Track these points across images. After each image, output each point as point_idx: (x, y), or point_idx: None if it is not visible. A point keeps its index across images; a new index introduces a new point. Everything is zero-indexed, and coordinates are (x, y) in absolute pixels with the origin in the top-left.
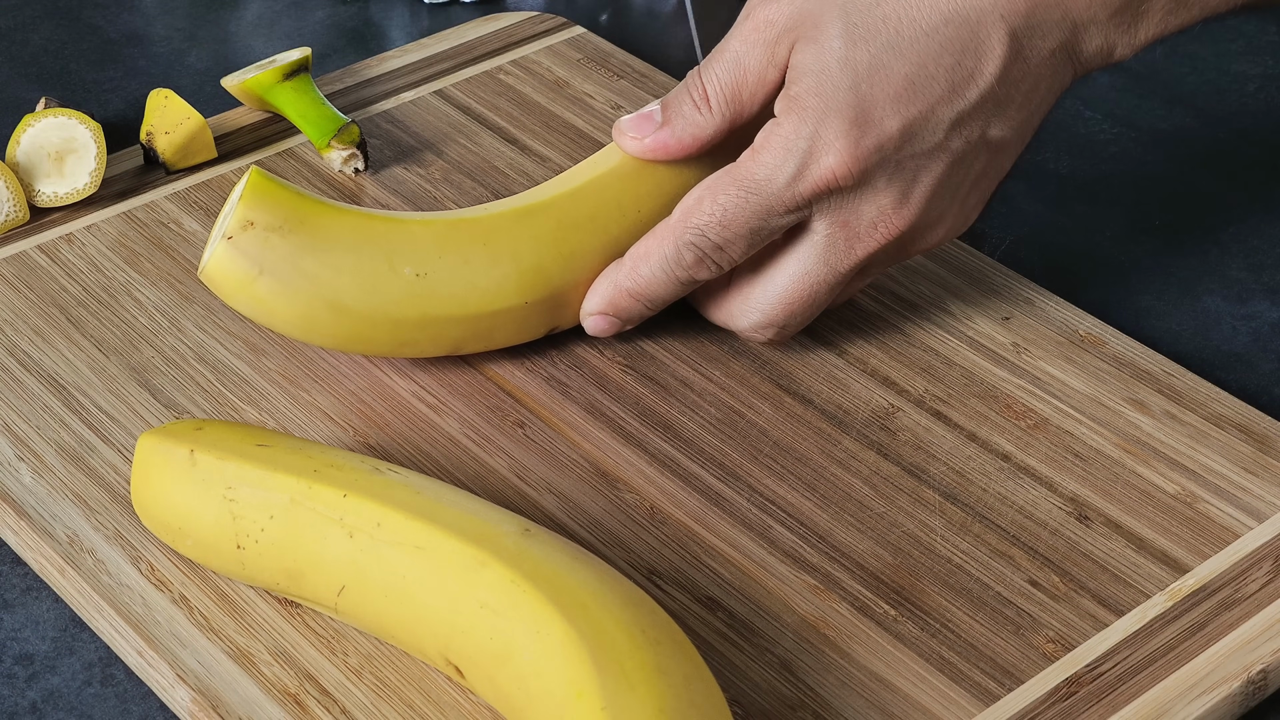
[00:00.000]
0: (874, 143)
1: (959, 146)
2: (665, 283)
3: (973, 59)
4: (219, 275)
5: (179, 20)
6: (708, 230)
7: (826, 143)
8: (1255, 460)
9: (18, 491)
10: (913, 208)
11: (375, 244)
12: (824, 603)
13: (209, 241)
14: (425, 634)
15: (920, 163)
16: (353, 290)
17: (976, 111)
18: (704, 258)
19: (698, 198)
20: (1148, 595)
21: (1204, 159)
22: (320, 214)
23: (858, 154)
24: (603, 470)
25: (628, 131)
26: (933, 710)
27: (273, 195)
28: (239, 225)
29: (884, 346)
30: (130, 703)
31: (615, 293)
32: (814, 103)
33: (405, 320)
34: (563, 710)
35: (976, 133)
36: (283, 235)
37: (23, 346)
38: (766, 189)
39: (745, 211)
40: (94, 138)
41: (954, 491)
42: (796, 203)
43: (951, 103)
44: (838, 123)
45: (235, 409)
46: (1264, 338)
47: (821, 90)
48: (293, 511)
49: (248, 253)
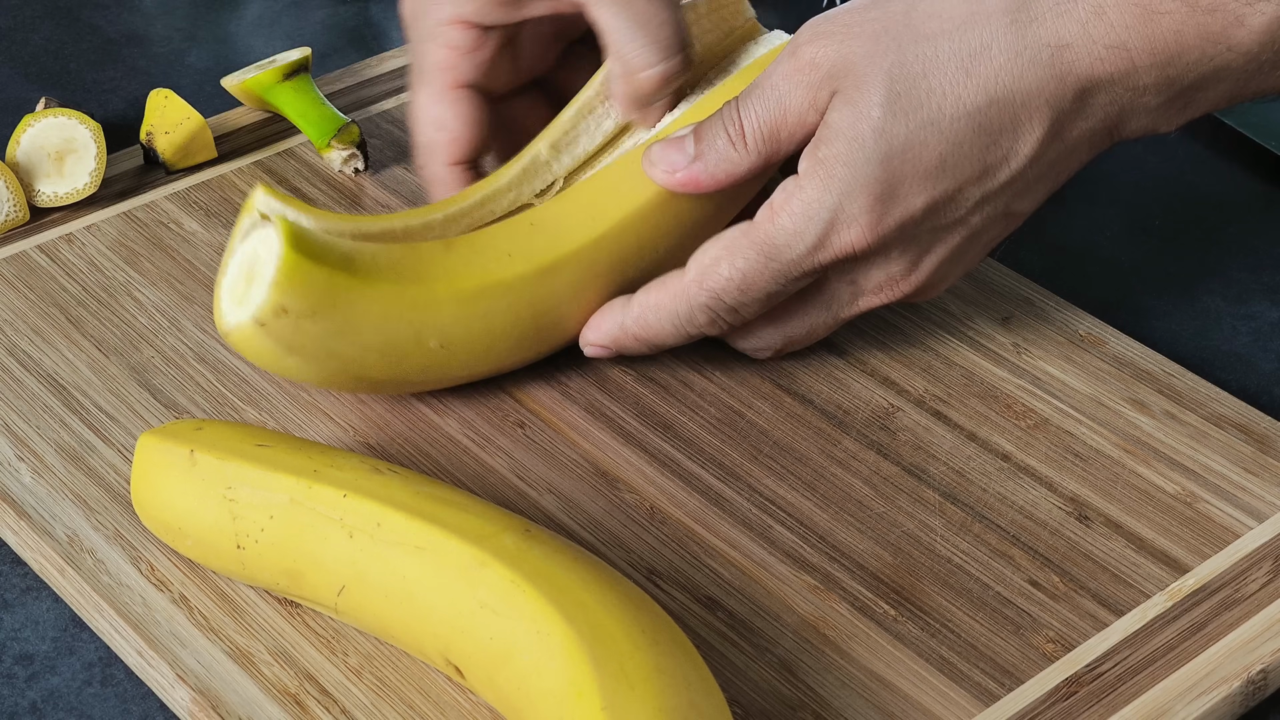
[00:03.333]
0: (897, 220)
1: (978, 222)
2: (673, 335)
3: (1010, 140)
4: (245, 347)
5: (179, 20)
6: (725, 295)
7: (850, 217)
8: (1255, 460)
9: (18, 491)
10: (921, 275)
11: (403, 319)
12: (824, 603)
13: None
14: (425, 634)
15: (938, 236)
16: (379, 365)
17: (1003, 190)
18: (717, 319)
19: (714, 258)
20: (1148, 595)
21: (1204, 159)
22: (352, 294)
23: (880, 231)
24: (603, 470)
25: (658, 163)
26: (933, 710)
27: (306, 278)
28: (272, 311)
29: (884, 346)
30: (130, 703)
31: (620, 334)
32: (842, 172)
33: (426, 382)
34: (563, 710)
35: (1000, 209)
36: (314, 321)
37: (23, 346)
38: (786, 255)
39: (764, 277)
40: (94, 138)
41: (954, 491)
42: (814, 269)
43: (981, 183)
44: (864, 198)
45: (235, 409)
46: (1264, 338)
47: (852, 160)
48: (293, 511)
49: (279, 338)
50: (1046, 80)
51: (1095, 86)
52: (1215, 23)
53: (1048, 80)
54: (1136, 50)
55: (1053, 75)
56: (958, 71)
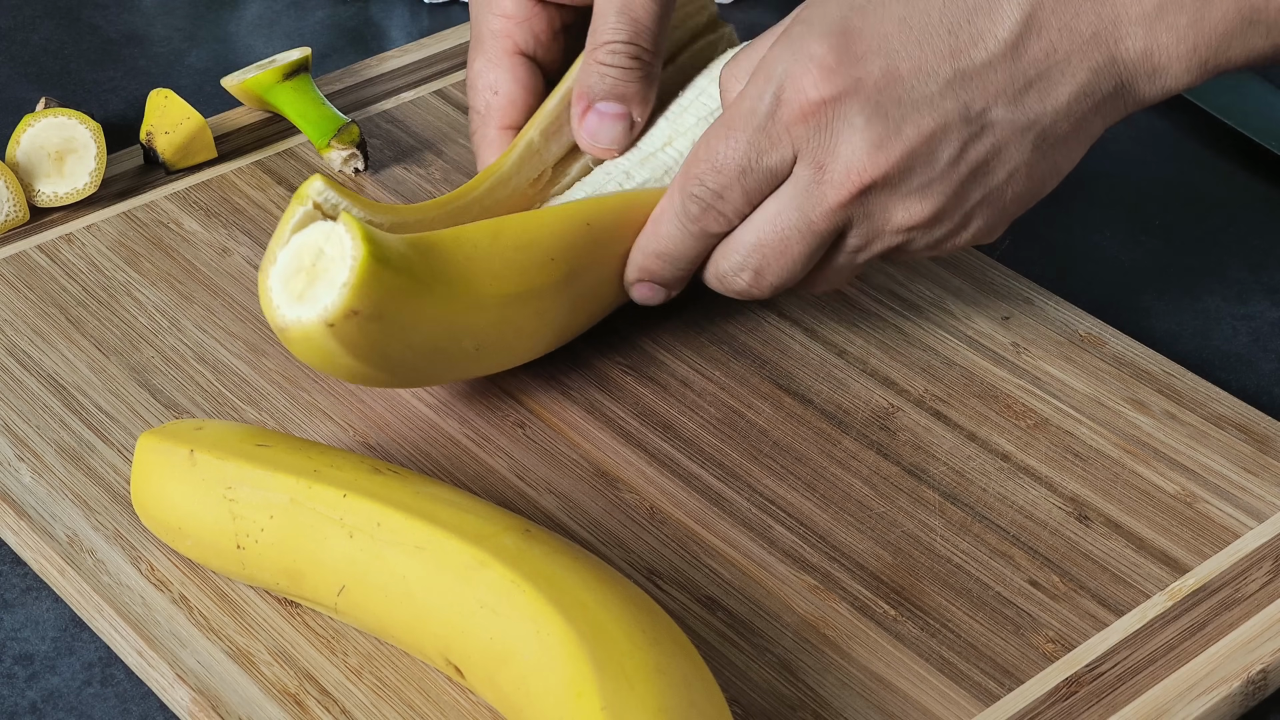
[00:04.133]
0: (852, 73)
1: (951, 109)
2: (682, 238)
3: (984, 18)
4: (302, 344)
5: (179, 20)
6: (704, 178)
7: (803, 66)
8: (1255, 460)
9: (18, 491)
10: (890, 155)
11: (450, 323)
12: (824, 603)
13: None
14: (425, 634)
15: (904, 112)
16: (415, 364)
17: (980, 78)
18: (707, 208)
19: (695, 149)
20: (1148, 595)
21: (1204, 159)
22: (413, 298)
23: (833, 79)
24: (603, 470)
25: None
26: (933, 710)
27: (380, 282)
28: (343, 314)
29: (884, 346)
30: (130, 703)
31: (644, 258)
32: (798, 30)
33: (443, 379)
34: (563, 710)
35: (978, 104)
36: (378, 324)
37: (23, 346)
38: (750, 123)
39: (734, 152)
40: (94, 138)
41: (954, 491)
42: (778, 134)
43: (952, 59)
44: (817, 46)
45: (235, 409)
46: (1264, 338)
47: (809, 18)
48: (293, 511)
49: (343, 339)
50: None
51: None
52: None
53: None
54: None
55: None
56: None
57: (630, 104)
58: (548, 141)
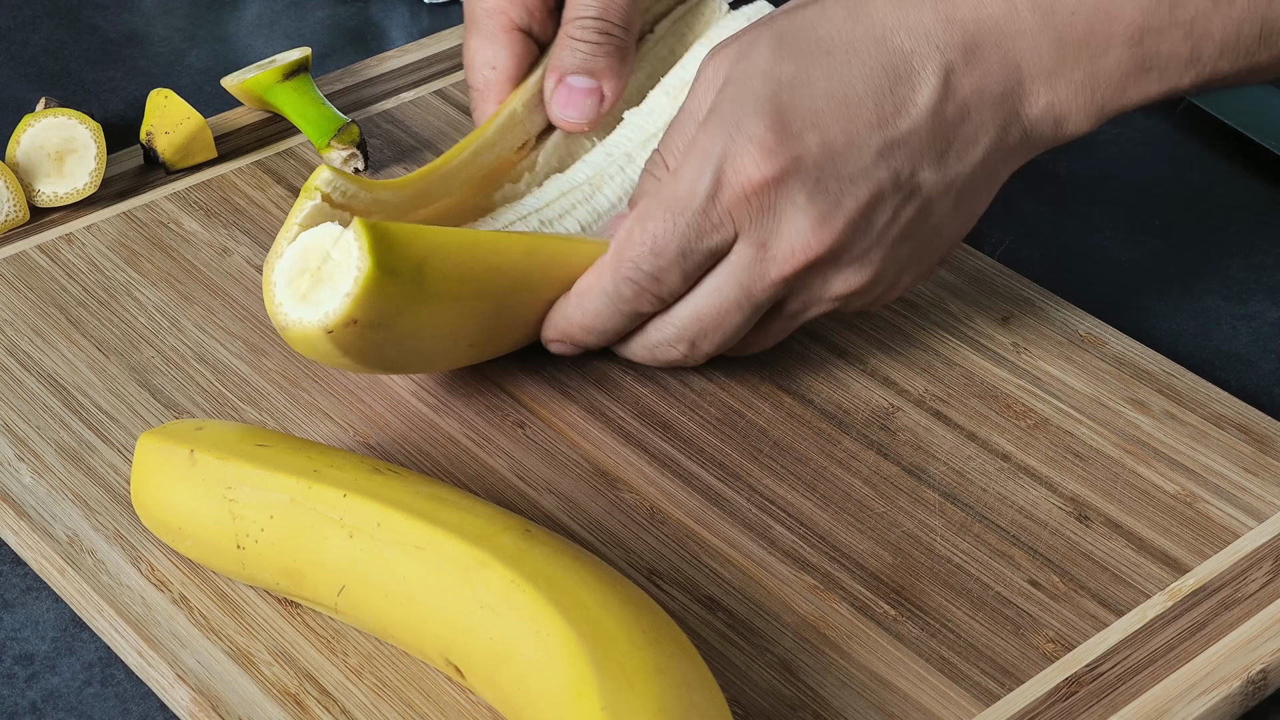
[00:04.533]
0: (791, 151)
1: (885, 177)
2: (611, 316)
3: (905, 87)
4: (301, 343)
5: (179, 20)
6: (641, 262)
7: (740, 147)
8: (1255, 460)
9: (18, 491)
10: (832, 230)
11: (450, 327)
12: (824, 603)
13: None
14: (425, 634)
15: (843, 185)
16: (412, 363)
17: (906, 144)
18: (642, 291)
19: (628, 230)
20: (1148, 595)
21: (1204, 159)
22: (415, 307)
23: (774, 158)
24: (603, 470)
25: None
26: (933, 710)
27: (381, 294)
28: (343, 322)
29: (884, 346)
30: (130, 703)
31: (567, 325)
32: (729, 109)
33: (436, 369)
34: (563, 710)
35: (906, 169)
36: (378, 331)
37: (23, 346)
38: (690, 205)
39: (674, 235)
40: (94, 138)
41: (954, 491)
42: (720, 218)
43: (880, 129)
44: (753, 126)
45: (235, 409)
46: (1264, 338)
47: (739, 98)
48: (293, 511)
49: (341, 343)
50: (931, 24)
51: (981, 34)
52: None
53: (933, 24)
54: None
55: (937, 18)
56: (844, 19)
57: (601, 78)
58: (530, 112)
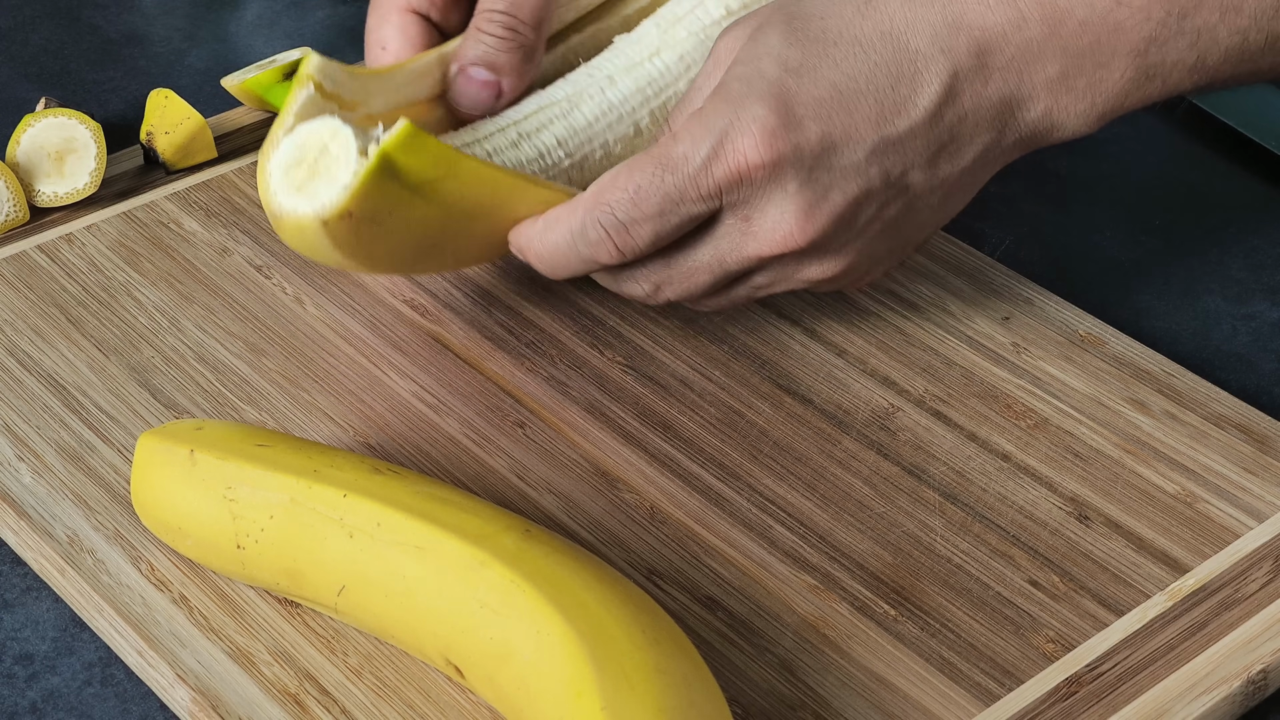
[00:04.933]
0: (792, 139)
1: (876, 175)
2: (566, 255)
3: (907, 87)
4: (292, 234)
5: (179, 20)
6: (617, 208)
7: (743, 126)
8: (1255, 460)
9: (18, 491)
10: (816, 224)
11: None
12: (824, 603)
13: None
14: (425, 634)
15: (834, 179)
16: (393, 263)
17: (901, 145)
18: (606, 237)
19: (613, 175)
20: (1148, 595)
21: (1204, 159)
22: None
23: (774, 144)
24: (603, 470)
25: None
26: (933, 710)
27: (380, 190)
28: (339, 214)
29: (884, 346)
30: (130, 703)
31: (525, 245)
32: (737, 88)
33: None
34: (563, 710)
35: (897, 169)
36: (370, 226)
37: (23, 346)
38: (682, 168)
39: (658, 191)
40: (94, 138)
41: (954, 491)
42: (709, 189)
43: (878, 126)
44: (758, 108)
45: (235, 409)
46: (1264, 338)
47: (748, 78)
48: (293, 511)
49: (334, 236)
50: (940, 26)
51: (989, 42)
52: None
53: (941, 26)
54: (1028, 7)
55: (945, 21)
56: (853, 13)
57: (501, 73)
58: None
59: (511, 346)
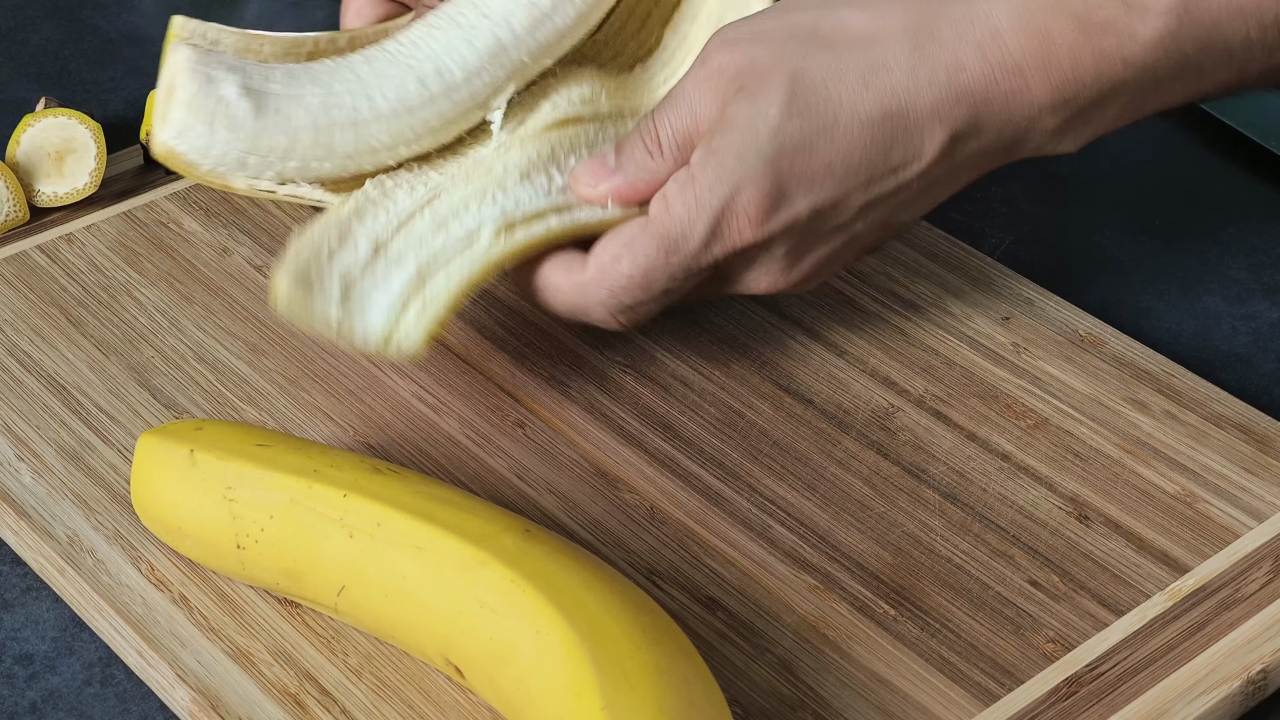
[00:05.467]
0: (783, 222)
1: (861, 229)
2: (567, 317)
3: (901, 154)
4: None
5: None
6: (624, 294)
7: (739, 211)
8: (1255, 460)
9: (18, 491)
10: (795, 275)
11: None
12: (824, 603)
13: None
14: (425, 634)
15: (818, 239)
16: None
17: (888, 199)
18: (610, 318)
19: (614, 255)
20: (1148, 595)
21: (1204, 159)
22: None
23: (766, 229)
24: (603, 470)
25: (581, 178)
26: (933, 710)
27: None
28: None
29: (884, 346)
30: (130, 703)
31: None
32: (733, 164)
33: None
34: (563, 710)
35: (882, 218)
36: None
37: (23, 346)
38: (684, 248)
39: (663, 274)
40: (94, 138)
41: (954, 491)
42: (708, 264)
43: (866, 189)
44: (753, 192)
45: (235, 409)
46: (1264, 338)
47: (744, 153)
48: (293, 511)
49: None
50: (942, 100)
51: (990, 107)
52: (1109, 42)
53: (943, 100)
54: (1032, 73)
55: (948, 95)
56: (857, 83)
57: None
58: None
59: (511, 346)
